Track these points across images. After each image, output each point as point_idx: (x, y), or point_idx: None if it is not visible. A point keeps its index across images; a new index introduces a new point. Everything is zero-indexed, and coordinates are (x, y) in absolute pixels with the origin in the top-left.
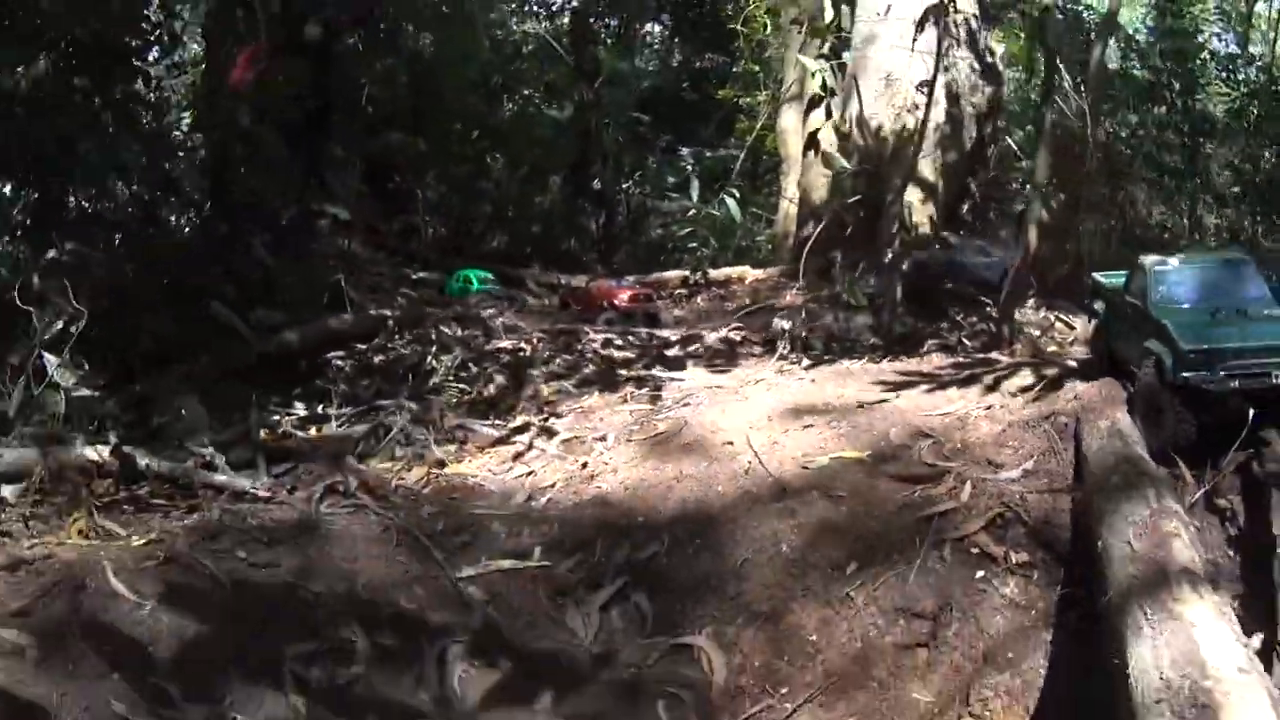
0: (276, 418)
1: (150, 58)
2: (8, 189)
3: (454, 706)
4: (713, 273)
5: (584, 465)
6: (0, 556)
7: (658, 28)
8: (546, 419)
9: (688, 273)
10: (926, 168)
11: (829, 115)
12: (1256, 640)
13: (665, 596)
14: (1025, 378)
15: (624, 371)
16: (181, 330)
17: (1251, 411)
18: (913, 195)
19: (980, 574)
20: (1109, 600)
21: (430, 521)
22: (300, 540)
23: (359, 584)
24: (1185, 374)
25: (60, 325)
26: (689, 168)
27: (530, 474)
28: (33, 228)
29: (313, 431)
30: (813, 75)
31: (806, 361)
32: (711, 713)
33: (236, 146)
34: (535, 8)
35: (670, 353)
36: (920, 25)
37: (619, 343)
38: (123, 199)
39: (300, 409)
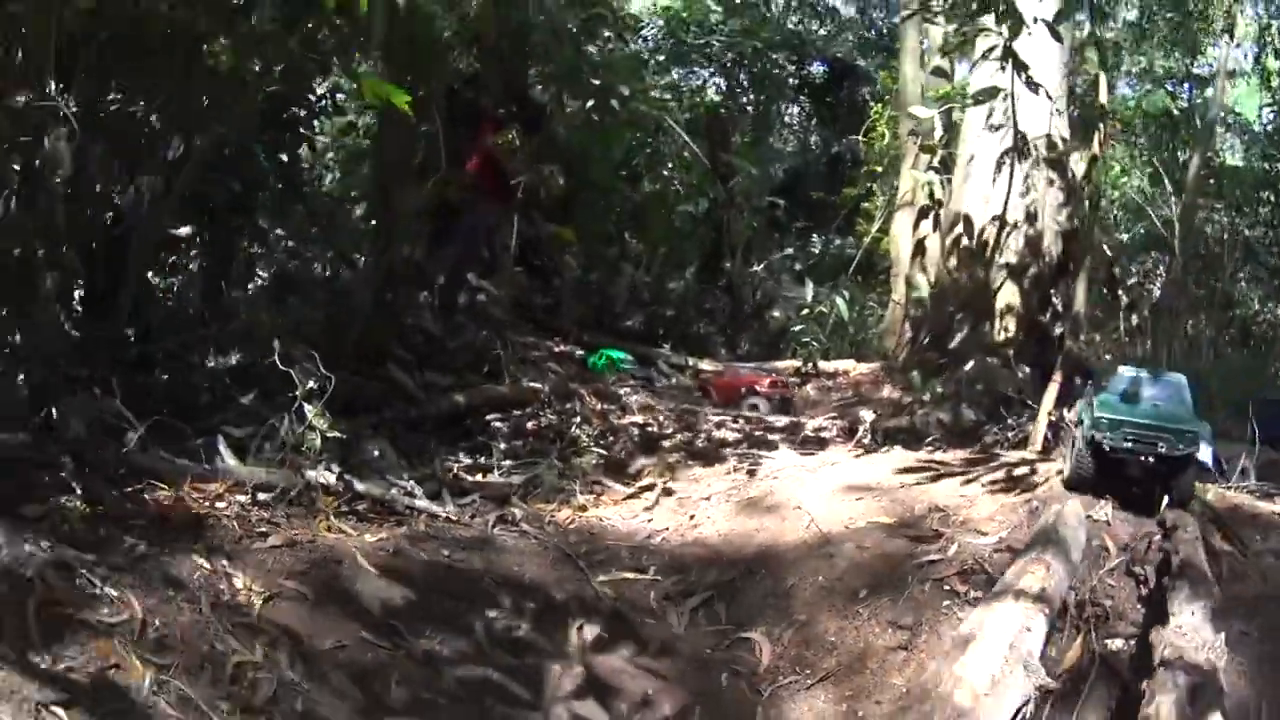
0: (449, 465)
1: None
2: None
3: (579, 653)
4: (823, 364)
5: (691, 517)
6: (280, 539)
7: (796, 109)
8: (667, 482)
9: (800, 363)
10: (1010, 285)
11: (935, 226)
12: None
13: (736, 606)
14: (1024, 470)
15: (730, 450)
16: (365, 388)
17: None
18: (999, 308)
19: (946, 603)
20: None
21: (575, 545)
22: (482, 549)
23: (525, 579)
24: (1093, 431)
25: (312, 384)
26: (812, 258)
27: (650, 520)
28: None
29: (480, 477)
30: (921, 187)
31: (877, 449)
32: (756, 682)
33: (400, 224)
34: (678, 85)
35: (771, 437)
36: (998, 166)
37: (730, 425)
38: (286, 262)
39: (466, 460)
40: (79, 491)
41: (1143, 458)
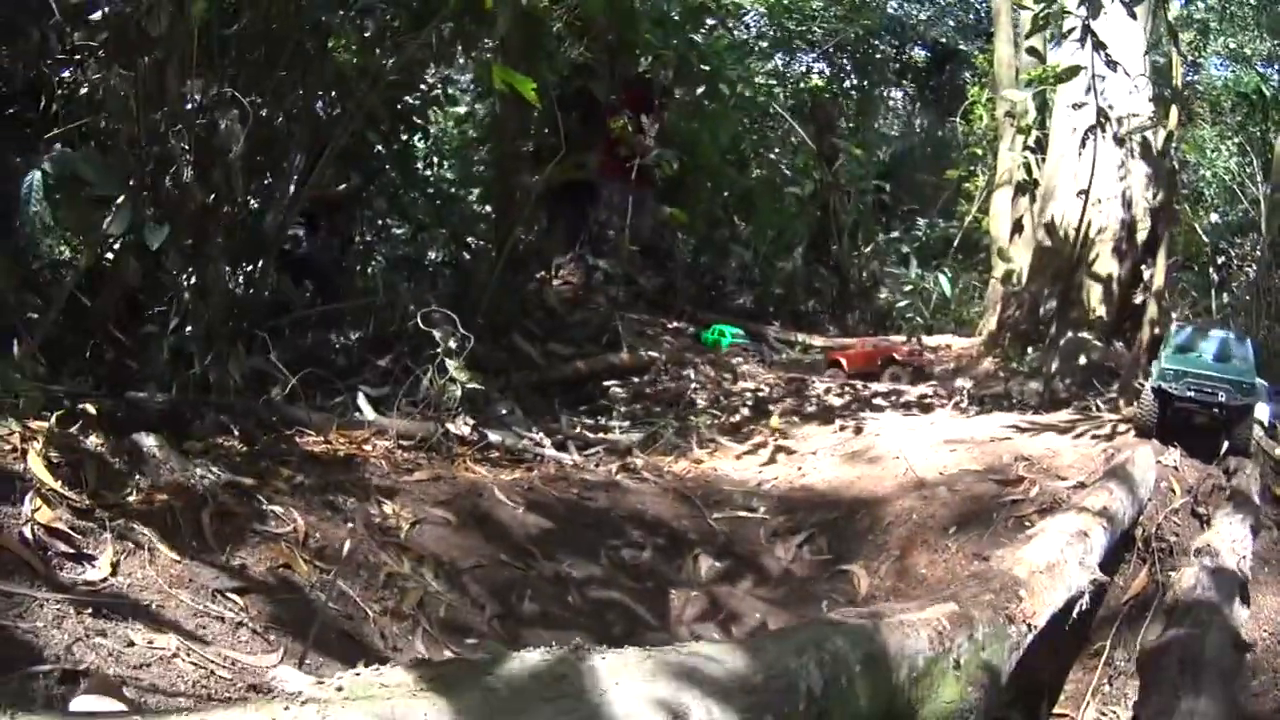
0: (572, 423)
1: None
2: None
3: (696, 581)
4: (926, 339)
5: (799, 468)
6: (424, 475)
7: (899, 93)
8: (777, 440)
9: (904, 338)
10: (1104, 261)
11: (1031, 204)
12: None
13: (838, 542)
14: (1107, 428)
15: (837, 412)
16: (492, 355)
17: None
18: (1093, 285)
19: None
20: None
21: (692, 489)
22: (608, 489)
23: (647, 515)
24: (1159, 381)
25: (452, 343)
26: (918, 240)
27: (762, 471)
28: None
29: (601, 435)
30: (1018, 167)
31: (974, 411)
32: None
33: (520, 207)
34: (783, 71)
35: (876, 401)
36: (1082, 142)
37: (836, 391)
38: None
39: (588, 420)
40: (236, 433)
41: (1203, 406)
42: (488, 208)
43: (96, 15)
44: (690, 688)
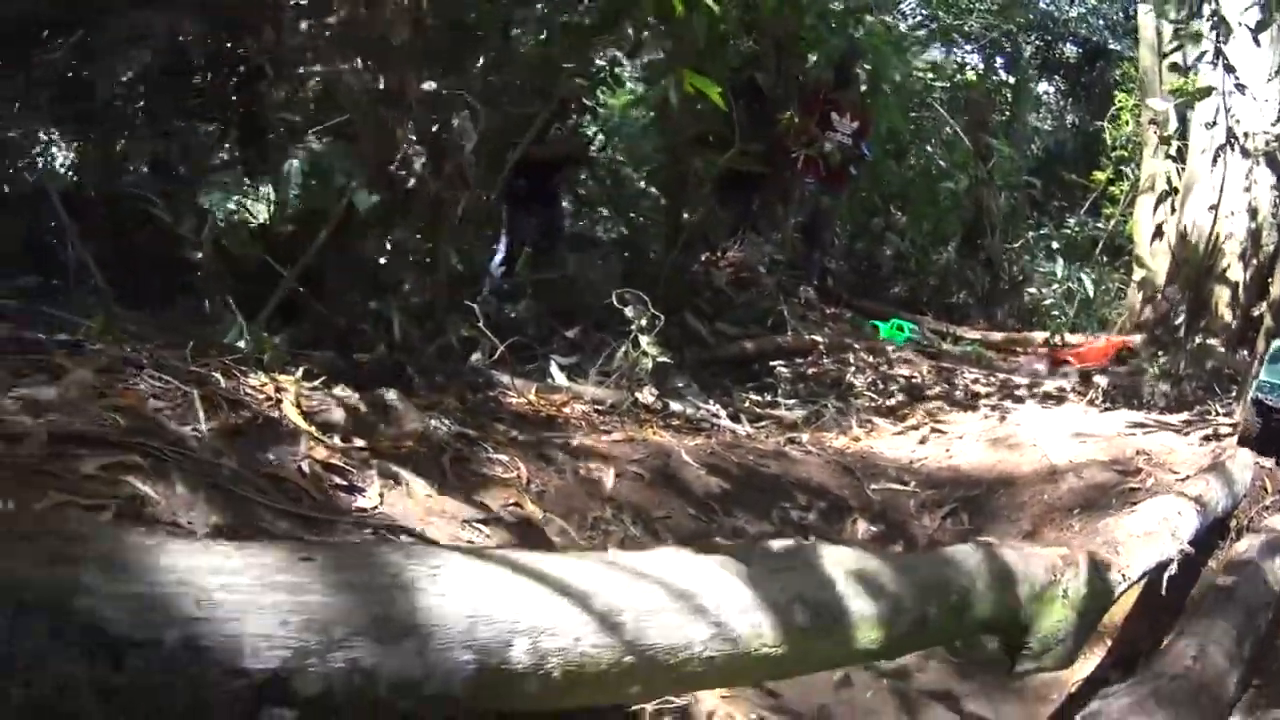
0: (741, 399)
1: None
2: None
3: (855, 542)
4: (1069, 337)
5: (947, 450)
6: (620, 436)
7: (1051, 89)
8: (929, 423)
9: (1048, 334)
10: (1232, 271)
11: (1172, 212)
12: None
13: (977, 516)
14: (1221, 431)
15: (983, 400)
16: (665, 333)
17: None
18: (1221, 293)
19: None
20: None
21: (852, 462)
22: (778, 459)
23: (812, 482)
24: (1257, 394)
25: (645, 319)
26: (1067, 238)
27: (914, 451)
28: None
29: (766, 410)
30: (1161, 175)
31: (1105, 406)
32: None
33: (689, 196)
34: (939, 64)
35: (1018, 392)
36: (1214, 160)
37: (983, 381)
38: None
39: (755, 397)
40: (451, 390)
41: None
42: (654, 190)
43: (331, 19)
44: (883, 573)
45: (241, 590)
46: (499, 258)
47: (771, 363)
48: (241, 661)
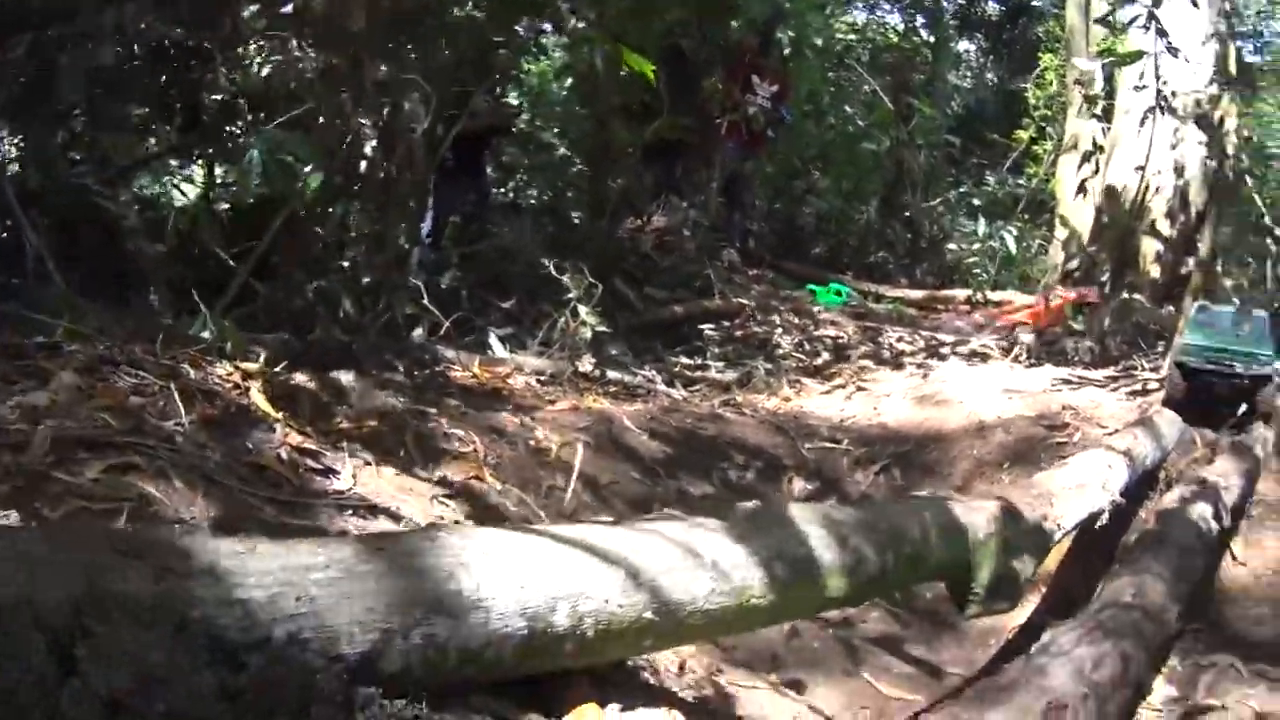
0: (672, 363)
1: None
2: None
3: (792, 499)
4: (990, 294)
5: (875, 407)
6: (564, 405)
7: (971, 46)
8: (856, 382)
9: (970, 292)
10: (1159, 227)
11: (1095, 171)
12: None
13: (909, 472)
14: (1146, 386)
15: (908, 359)
16: (598, 299)
17: (1243, 406)
18: (1148, 250)
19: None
20: None
21: (785, 422)
22: (715, 421)
23: (749, 443)
24: (1181, 356)
25: (583, 289)
26: (985, 195)
27: (843, 409)
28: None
29: (698, 373)
30: (1084, 135)
31: (1030, 363)
32: None
33: (613, 163)
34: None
35: (942, 350)
36: (1142, 121)
37: (907, 339)
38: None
39: (686, 360)
40: (399, 368)
41: (1221, 378)
42: (576, 158)
43: (288, 8)
44: (845, 526)
45: (333, 583)
46: (425, 229)
47: (700, 326)
48: (339, 648)
